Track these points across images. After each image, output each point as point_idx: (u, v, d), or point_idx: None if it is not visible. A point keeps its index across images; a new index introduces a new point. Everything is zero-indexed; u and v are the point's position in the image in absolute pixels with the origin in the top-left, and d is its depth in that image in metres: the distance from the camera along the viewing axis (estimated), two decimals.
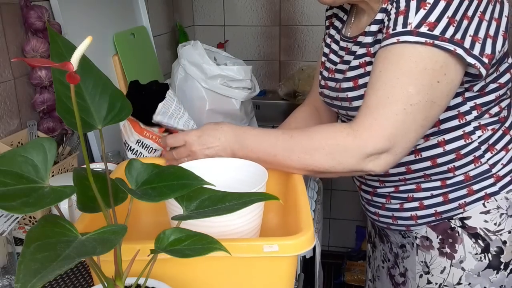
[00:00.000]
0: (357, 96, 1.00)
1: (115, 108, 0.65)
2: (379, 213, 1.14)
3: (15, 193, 0.51)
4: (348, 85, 1.01)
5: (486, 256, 1.04)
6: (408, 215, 1.08)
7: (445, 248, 1.06)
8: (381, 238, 1.26)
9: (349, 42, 1.07)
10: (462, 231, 1.04)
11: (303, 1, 2.34)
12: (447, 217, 1.05)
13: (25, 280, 0.43)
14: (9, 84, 1.16)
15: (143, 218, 0.96)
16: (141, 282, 0.62)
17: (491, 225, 1.03)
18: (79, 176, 0.63)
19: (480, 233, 1.03)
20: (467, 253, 1.04)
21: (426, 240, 1.09)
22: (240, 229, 0.77)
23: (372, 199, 1.14)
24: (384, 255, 1.27)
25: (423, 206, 1.06)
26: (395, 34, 0.85)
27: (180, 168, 0.65)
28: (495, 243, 1.04)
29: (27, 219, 1.07)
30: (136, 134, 1.13)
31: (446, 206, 1.04)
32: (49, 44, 0.65)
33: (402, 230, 1.12)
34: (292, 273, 0.73)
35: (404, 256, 1.16)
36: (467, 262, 1.05)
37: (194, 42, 1.28)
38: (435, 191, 1.04)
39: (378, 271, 1.32)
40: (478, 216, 1.03)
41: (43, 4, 1.22)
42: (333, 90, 1.07)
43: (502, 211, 1.03)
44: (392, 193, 1.09)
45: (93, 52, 1.04)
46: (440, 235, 1.07)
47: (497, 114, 1.02)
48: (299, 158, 0.90)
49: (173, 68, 1.33)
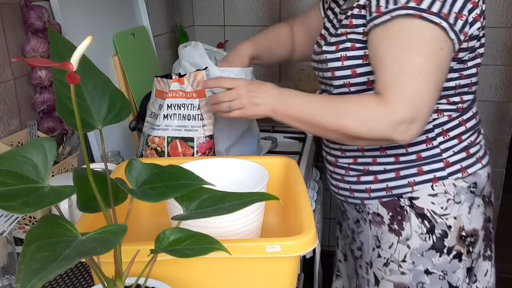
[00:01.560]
0: (332, 58, 1.06)
1: (115, 108, 0.65)
2: (339, 185, 1.21)
3: (15, 193, 0.51)
4: (330, 48, 1.07)
5: (431, 237, 1.10)
6: (363, 188, 1.15)
7: (394, 224, 1.12)
8: (342, 216, 1.34)
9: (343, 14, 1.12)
10: (410, 210, 1.10)
11: (303, 1, 2.33)
12: (397, 194, 1.11)
13: (25, 280, 0.43)
14: (9, 84, 1.16)
15: (143, 218, 0.96)
16: (141, 282, 0.62)
17: (438, 208, 1.09)
18: (79, 176, 0.63)
19: (427, 214, 1.09)
20: (413, 231, 1.10)
21: (377, 216, 1.15)
22: (241, 229, 0.77)
23: (334, 171, 1.21)
24: (345, 232, 1.34)
25: (377, 180, 1.12)
26: (388, 12, 0.92)
27: (180, 168, 0.65)
28: (440, 226, 1.09)
29: (27, 219, 1.07)
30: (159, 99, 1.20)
31: (396, 182, 1.10)
32: (49, 44, 0.65)
33: (357, 204, 1.19)
34: (294, 273, 0.73)
35: (359, 231, 1.22)
36: (412, 240, 1.10)
37: (195, 43, 1.28)
38: (388, 166, 1.10)
39: (344, 249, 1.39)
40: (426, 198, 1.09)
41: (43, 4, 1.22)
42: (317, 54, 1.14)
43: (449, 196, 1.09)
44: (351, 164, 1.16)
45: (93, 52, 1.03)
46: (390, 212, 1.13)
47: (455, 103, 1.07)
48: (334, 119, 0.97)
49: (174, 68, 1.32)
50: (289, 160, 0.98)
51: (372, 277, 1.19)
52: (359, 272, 1.26)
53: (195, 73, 1.17)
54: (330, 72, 1.07)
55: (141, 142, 1.24)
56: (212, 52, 1.32)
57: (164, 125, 1.18)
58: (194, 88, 1.17)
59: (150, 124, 1.22)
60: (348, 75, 1.05)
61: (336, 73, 1.06)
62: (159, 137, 1.18)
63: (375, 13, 0.95)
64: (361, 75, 1.04)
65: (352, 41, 1.03)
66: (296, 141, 1.72)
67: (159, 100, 1.21)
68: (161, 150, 1.18)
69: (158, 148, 1.18)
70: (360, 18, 1.01)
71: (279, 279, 0.72)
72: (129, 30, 1.58)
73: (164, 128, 1.18)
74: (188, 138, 1.16)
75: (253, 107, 1.03)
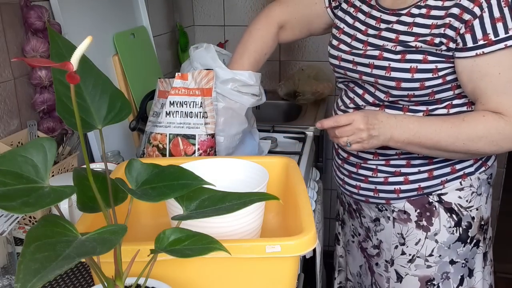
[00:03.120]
0: (399, 68, 1.06)
1: (115, 108, 0.64)
2: (361, 185, 1.21)
3: (15, 193, 0.51)
4: (394, 56, 1.07)
5: (458, 230, 1.16)
6: (391, 189, 1.17)
7: (422, 221, 1.16)
8: (350, 214, 1.35)
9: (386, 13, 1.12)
10: (439, 205, 1.15)
11: None
12: (427, 192, 1.15)
13: (25, 280, 0.43)
14: (9, 84, 1.16)
15: (143, 218, 0.96)
16: (141, 282, 0.62)
17: (464, 202, 1.15)
18: (79, 176, 0.63)
19: (454, 208, 1.15)
20: (442, 226, 1.15)
21: (403, 213, 1.17)
22: (241, 229, 0.77)
23: (357, 172, 1.21)
24: (354, 230, 1.35)
25: (408, 181, 1.15)
26: (500, 41, 0.98)
27: (180, 168, 0.65)
28: (466, 218, 1.15)
29: (27, 219, 1.07)
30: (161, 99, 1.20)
31: (429, 182, 1.14)
32: (49, 44, 0.65)
33: (380, 203, 1.20)
34: (294, 273, 0.73)
35: (378, 229, 1.24)
36: (441, 235, 1.16)
37: (206, 45, 1.28)
38: (423, 167, 1.14)
39: (348, 245, 1.40)
40: (454, 193, 1.15)
41: (43, 4, 1.22)
42: (362, 57, 1.13)
43: (473, 189, 1.15)
44: (381, 165, 1.17)
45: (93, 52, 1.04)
46: (418, 209, 1.16)
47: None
48: (464, 144, 1.04)
49: (183, 69, 1.32)
50: (289, 160, 0.98)
51: (393, 274, 1.22)
52: (375, 270, 1.27)
53: (206, 72, 1.18)
54: (394, 82, 1.07)
55: (143, 141, 1.25)
56: (221, 54, 1.32)
57: (166, 122, 1.19)
58: (203, 86, 1.17)
59: (152, 123, 1.22)
60: (415, 88, 1.06)
61: (403, 85, 1.06)
62: (161, 134, 1.18)
63: (482, 40, 0.99)
64: (427, 88, 1.06)
65: (424, 53, 1.04)
66: (296, 141, 1.72)
67: (162, 99, 1.21)
68: (163, 147, 1.18)
69: (160, 145, 1.19)
70: (442, 37, 1.01)
71: (279, 279, 0.72)
72: (129, 30, 1.58)
73: (166, 125, 1.19)
74: (190, 135, 1.17)
75: (371, 140, 1.05)
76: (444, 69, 1.04)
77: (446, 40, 1.02)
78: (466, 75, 1.03)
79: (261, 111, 2.13)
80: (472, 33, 0.99)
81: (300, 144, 1.69)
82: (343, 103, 1.23)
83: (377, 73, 1.09)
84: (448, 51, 1.03)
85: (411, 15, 1.07)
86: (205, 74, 1.18)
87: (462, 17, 1.00)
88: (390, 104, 1.12)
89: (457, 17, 1.00)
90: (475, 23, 0.99)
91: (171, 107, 1.18)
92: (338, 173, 1.29)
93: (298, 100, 2.16)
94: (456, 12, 1.00)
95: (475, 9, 0.99)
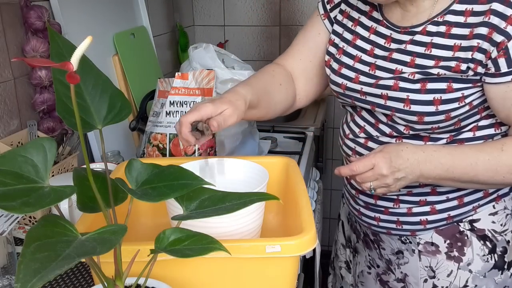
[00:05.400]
0: (420, 100, 0.93)
1: (115, 108, 0.64)
2: (380, 217, 1.09)
3: (15, 193, 0.51)
4: (412, 86, 0.94)
5: (493, 257, 1.04)
6: (416, 220, 1.05)
7: (453, 252, 1.05)
8: (367, 244, 1.20)
9: (397, 31, 0.99)
10: (471, 234, 1.03)
11: (303, 1, 2.33)
12: (457, 220, 1.04)
13: (25, 280, 0.43)
14: (9, 84, 1.16)
15: (143, 218, 0.96)
16: (141, 282, 0.62)
17: (498, 226, 1.04)
18: (79, 176, 0.63)
19: (488, 234, 1.03)
20: (475, 255, 1.04)
21: (431, 245, 1.06)
22: (241, 229, 0.77)
23: (376, 203, 1.09)
24: (371, 261, 1.20)
25: (435, 211, 1.03)
26: None
27: (180, 168, 0.65)
28: (501, 243, 1.04)
29: (27, 219, 1.07)
30: (161, 99, 1.20)
31: (460, 210, 1.03)
32: (49, 44, 0.65)
33: (404, 235, 1.09)
34: (294, 273, 0.73)
35: (401, 262, 1.12)
36: (474, 264, 1.04)
37: (206, 45, 1.28)
38: (451, 194, 1.02)
39: (362, 277, 1.25)
40: (487, 218, 1.03)
41: (43, 4, 1.22)
42: (372, 87, 0.99)
43: (507, 211, 1.04)
44: (402, 195, 1.05)
45: (93, 52, 1.03)
46: (448, 240, 1.05)
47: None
48: (504, 178, 0.93)
49: (182, 69, 1.32)
50: (289, 160, 0.98)
51: None
52: None
53: (207, 72, 1.18)
54: (416, 117, 0.94)
55: (143, 141, 1.25)
56: (220, 54, 1.32)
57: (166, 122, 1.19)
58: (203, 86, 1.17)
59: (152, 123, 1.22)
60: (440, 120, 0.94)
61: (426, 119, 0.94)
62: (161, 134, 1.19)
63: None
64: (454, 117, 0.94)
65: (448, 80, 0.92)
66: (296, 141, 1.72)
67: (162, 99, 1.22)
68: (163, 147, 1.18)
69: (160, 145, 1.19)
70: (470, 62, 0.90)
71: (279, 279, 0.72)
72: (129, 30, 1.58)
73: (166, 125, 1.19)
74: None
75: (398, 182, 0.93)
76: (470, 95, 0.93)
77: (474, 65, 0.90)
78: (498, 101, 0.92)
79: None
80: (506, 57, 0.87)
81: (300, 144, 1.69)
82: (351, 131, 1.08)
83: (394, 105, 0.96)
84: (475, 75, 0.91)
85: (427, 33, 0.94)
86: (206, 74, 1.18)
87: (492, 37, 0.87)
88: (410, 136, 1.00)
89: (485, 38, 0.88)
90: (509, 46, 0.87)
91: (171, 107, 1.18)
92: (352, 202, 1.15)
93: None
94: (484, 32, 0.88)
95: (509, 29, 0.86)
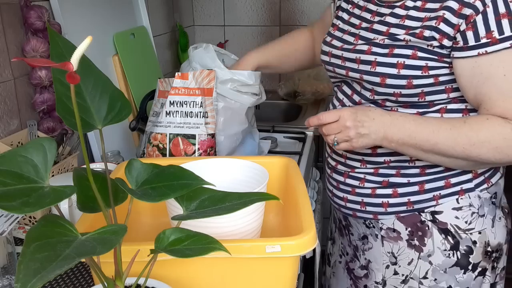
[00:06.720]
0: (385, 62, 0.98)
1: (115, 108, 0.65)
2: (348, 197, 1.13)
3: (15, 193, 0.51)
4: (381, 50, 0.99)
5: (455, 254, 1.05)
6: (379, 202, 1.08)
7: (414, 240, 1.07)
8: (340, 231, 1.25)
9: (382, 6, 1.05)
10: (432, 225, 1.05)
11: (303, 1, 2.33)
12: (418, 208, 1.05)
13: (25, 280, 0.43)
14: (9, 84, 1.16)
15: (143, 218, 0.96)
16: (141, 282, 0.62)
17: (462, 223, 1.04)
18: (79, 176, 0.63)
19: (451, 229, 1.04)
20: (435, 248, 1.05)
21: (392, 231, 1.09)
22: (241, 229, 0.77)
23: (345, 181, 1.13)
24: (343, 249, 1.24)
25: (396, 194, 1.06)
26: (506, 39, 0.89)
27: (180, 168, 0.65)
28: (465, 242, 1.04)
29: (27, 219, 1.07)
30: (161, 99, 1.20)
31: (420, 196, 1.04)
32: (49, 44, 0.65)
33: (368, 219, 1.12)
34: (294, 273, 0.73)
35: (366, 248, 1.15)
36: (435, 257, 1.05)
37: (206, 45, 1.28)
38: (412, 178, 1.04)
39: (335, 267, 1.29)
40: (450, 212, 1.04)
41: (43, 4, 1.22)
42: (350, 51, 1.05)
43: (473, 209, 1.04)
44: (368, 174, 1.08)
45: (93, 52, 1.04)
46: (409, 227, 1.07)
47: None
48: (464, 149, 0.93)
49: (182, 69, 1.32)
50: (289, 160, 0.98)
51: None
52: None
53: (207, 72, 1.18)
54: (379, 78, 0.99)
55: (143, 141, 1.25)
56: (220, 54, 1.33)
57: (166, 122, 1.19)
58: (204, 86, 1.17)
59: (152, 123, 1.22)
60: (401, 85, 0.97)
61: (388, 81, 0.98)
62: (161, 134, 1.19)
63: (485, 38, 0.90)
64: (416, 87, 0.97)
65: (413, 48, 0.96)
66: (296, 141, 1.72)
67: (162, 99, 1.22)
68: (163, 147, 1.18)
69: (160, 145, 1.19)
70: (433, 31, 0.93)
71: (279, 279, 0.72)
72: (129, 30, 1.58)
73: (166, 125, 1.19)
74: (190, 135, 1.17)
75: (361, 138, 0.97)
76: (435, 68, 0.96)
77: (439, 36, 0.93)
78: (466, 78, 0.94)
79: (261, 111, 2.13)
80: (474, 30, 0.90)
81: (300, 144, 1.69)
82: (333, 106, 1.16)
83: (363, 68, 1.01)
84: (442, 49, 0.94)
85: (405, 7, 0.99)
86: (207, 74, 1.18)
87: (461, 12, 0.90)
88: (376, 104, 1.04)
89: (455, 12, 0.91)
90: (477, 19, 0.90)
91: (171, 107, 1.18)
92: (328, 184, 1.21)
93: (298, 100, 2.16)
94: (453, 6, 0.91)
95: (477, 3, 0.89)
